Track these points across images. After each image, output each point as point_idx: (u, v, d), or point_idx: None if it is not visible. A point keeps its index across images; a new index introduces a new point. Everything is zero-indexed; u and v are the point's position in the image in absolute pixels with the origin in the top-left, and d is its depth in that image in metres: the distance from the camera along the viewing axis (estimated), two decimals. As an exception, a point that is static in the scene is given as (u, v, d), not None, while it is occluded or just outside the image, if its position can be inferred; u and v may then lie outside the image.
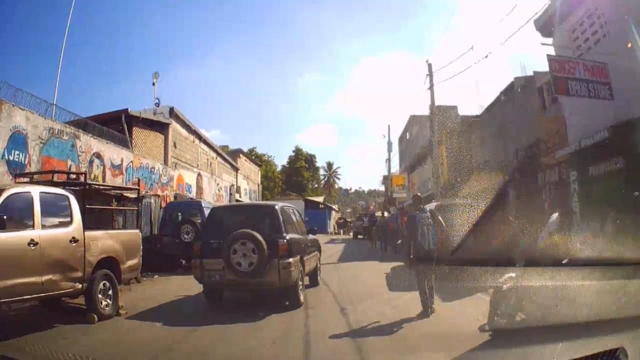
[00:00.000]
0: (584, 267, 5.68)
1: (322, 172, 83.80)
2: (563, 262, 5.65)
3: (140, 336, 6.74)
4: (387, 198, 40.12)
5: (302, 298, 8.55)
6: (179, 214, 14.83)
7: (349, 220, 60.22)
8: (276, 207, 8.85)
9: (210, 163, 28.92)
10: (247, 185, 38.29)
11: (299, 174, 72.23)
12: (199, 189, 26.73)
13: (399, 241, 18.03)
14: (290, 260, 8.05)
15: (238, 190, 34.46)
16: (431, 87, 19.95)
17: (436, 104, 20.17)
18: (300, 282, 8.67)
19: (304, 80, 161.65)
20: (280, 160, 78.89)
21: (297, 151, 76.72)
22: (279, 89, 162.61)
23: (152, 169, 21.65)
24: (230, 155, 34.51)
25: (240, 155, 36.88)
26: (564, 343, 4.41)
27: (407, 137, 33.17)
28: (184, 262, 14.79)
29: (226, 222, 8.88)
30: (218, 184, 30.00)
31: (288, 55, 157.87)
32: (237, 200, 32.84)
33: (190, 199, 22.83)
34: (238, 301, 9.40)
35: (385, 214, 32.59)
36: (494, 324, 5.91)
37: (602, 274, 5.33)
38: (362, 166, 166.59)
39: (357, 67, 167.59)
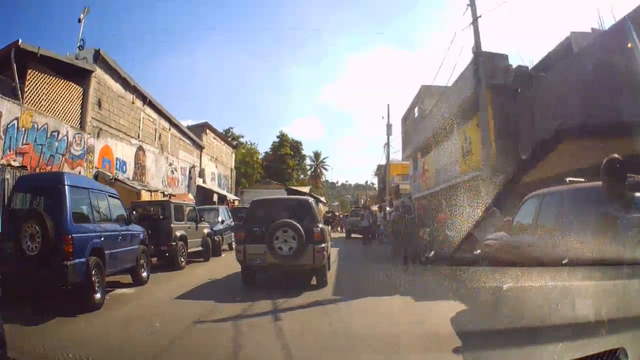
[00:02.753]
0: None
1: (308, 161, 77.73)
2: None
3: None
4: (393, 188, 33.49)
5: (327, 278, 9.64)
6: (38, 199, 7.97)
7: (337, 214, 53.54)
8: (310, 200, 10.37)
9: (160, 135, 22.00)
10: (216, 169, 31.34)
11: (283, 162, 65.72)
12: (140, 167, 19.85)
13: (431, 252, 11.47)
14: (323, 245, 9.26)
15: (202, 174, 27.53)
16: (475, 22, 13.36)
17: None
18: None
19: (292, 73, 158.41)
20: (265, 149, 71.99)
21: (282, 137, 70.52)
22: (267, 81, 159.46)
23: (55, 134, 14.76)
24: (193, 130, 27.55)
25: (207, 130, 29.75)
26: (564, 343, 4.32)
27: (415, 115, 26.54)
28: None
29: (266, 212, 9.73)
30: (171, 164, 23.12)
31: (277, 47, 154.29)
32: (197, 186, 26.01)
33: (114, 179, 15.99)
34: (271, 282, 9.97)
35: (388, 208, 25.85)
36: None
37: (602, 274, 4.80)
38: (349, 160, 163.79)
39: (346, 60, 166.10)
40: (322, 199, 63.81)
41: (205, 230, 14.24)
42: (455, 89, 15.68)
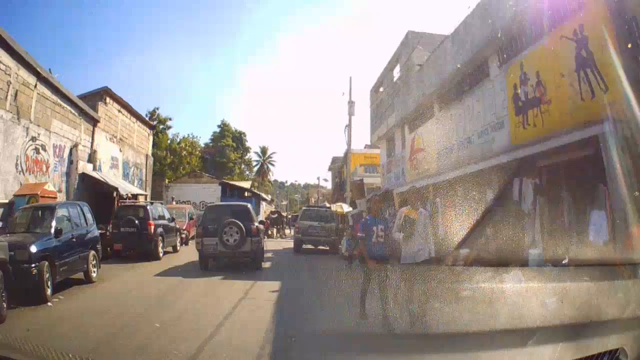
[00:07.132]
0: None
1: (254, 157, 71.41)
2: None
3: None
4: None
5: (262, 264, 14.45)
6: None
7: (284, 214, 46.76)
8: (249, 206, 14.94)
9: (17, 93, 14.56)
10: (121, 153, 23.77)
11: (224, 155, 58.56)
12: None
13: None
14: (259, 238, 13.73)
15: (93, 158, 19.99)
16: None
17: None
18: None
19: (235, 67, 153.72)
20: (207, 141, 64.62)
21: (224, 126, 63.58)
22: (213, 78, 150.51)
23: None
24: (86, 100, 20.03)
25: (107, 99, 22.01)
26: (564, 343, 4.38)
27: (395, 76, 20.46)
28: None
29: (217, 215, 13.88)
30: (36, 138, 15.68)
31: (222, 42, 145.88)
32: (82, 174, 18.58)
33: None
34: (221, 267, 13.72)
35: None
36: None
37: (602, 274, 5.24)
38: (299, 160, 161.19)
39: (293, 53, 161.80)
40: (266, 196, 57.06)
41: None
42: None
